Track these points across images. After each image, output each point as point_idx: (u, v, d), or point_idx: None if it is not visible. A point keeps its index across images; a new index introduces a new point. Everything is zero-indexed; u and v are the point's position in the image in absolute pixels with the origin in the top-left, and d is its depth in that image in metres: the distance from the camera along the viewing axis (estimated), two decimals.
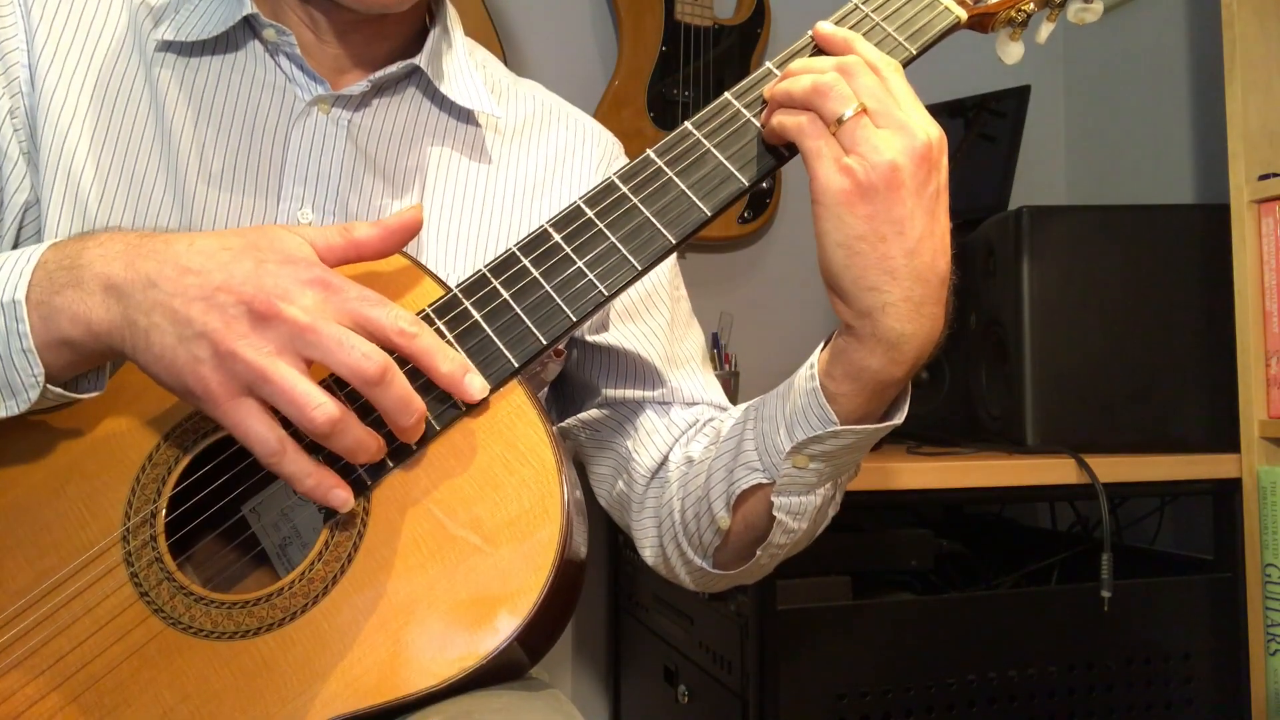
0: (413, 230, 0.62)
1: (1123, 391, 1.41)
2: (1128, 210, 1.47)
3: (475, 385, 0.60)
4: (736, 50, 1.89)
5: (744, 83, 0.67)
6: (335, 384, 0.59)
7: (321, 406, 0.54)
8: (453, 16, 0.83)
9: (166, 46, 0.74)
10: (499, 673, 0.59)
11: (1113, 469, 1.33)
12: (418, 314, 0.63)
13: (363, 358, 0.55)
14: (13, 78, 0.71)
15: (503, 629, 0.57)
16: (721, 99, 0.67)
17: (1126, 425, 1.40)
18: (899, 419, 0.69)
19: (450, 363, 0.59)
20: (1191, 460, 1.38)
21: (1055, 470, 1.33)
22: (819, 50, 0.66)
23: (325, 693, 0.57)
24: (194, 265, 0.56)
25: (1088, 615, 1.30)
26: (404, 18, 0.78)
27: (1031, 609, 1.32)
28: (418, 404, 0.58)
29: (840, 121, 0.60)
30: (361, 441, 0.57)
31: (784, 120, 0.62)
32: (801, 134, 0.61)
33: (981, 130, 1.82)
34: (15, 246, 0.72)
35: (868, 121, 0.60)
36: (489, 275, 0.64)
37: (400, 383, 0.57)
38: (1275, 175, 1.33)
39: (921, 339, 0.63)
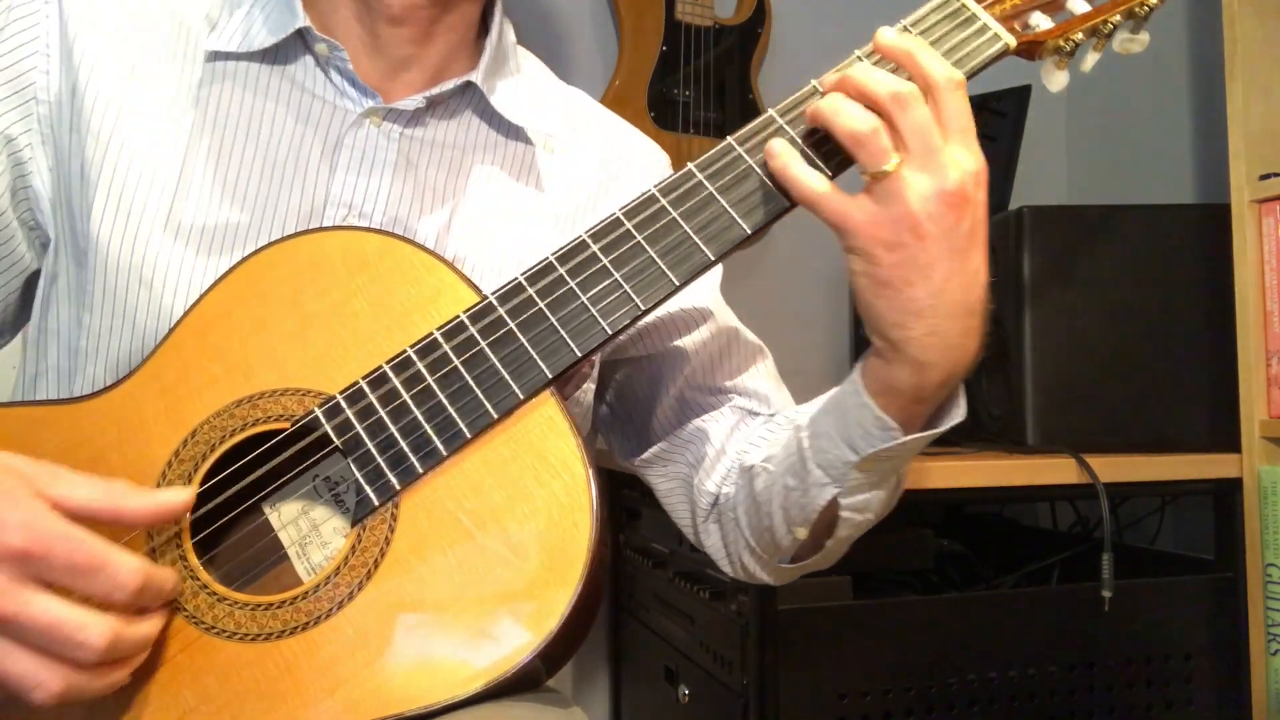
0: (179, 515, 0.60)
1: (1123, 391, 1.40)
2: (1128, 210, 1.46)
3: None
4: (737, 50, 1.89)
5: (789, 101, 0.66)
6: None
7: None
8: (506, 24, 0.83)
9: (216, 56, 0.74)
10: (518, 684, 0.59)
11: (1113, 469, 1.32)
12: (452, 320, 0.63)
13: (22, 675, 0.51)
14: (26, 95, 0.71)
15: (528, 642, 0.57)
16: (766, 115, 0.66)
17: (1126, 425, 1.40)
18: (952, 421, 0.69)
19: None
20: (1192, 460, 1.37)
21: (1055, 470, 1.32)
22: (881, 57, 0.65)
23: (349, 699, 0.57)
24: None
25: (1088, 615, 1.29)
26: (455, 24, 0.77)
27: (1032, 609, 1.32)
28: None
29: (875, 175, 0.60)
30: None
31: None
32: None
33: (982, 130, 1.80)
34: (23, 306, 0.76)
35: (902, 173, 0.60)
36: (525, 284, 0.64)
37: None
38: (1276, 175, 1.32)
39: (947, 366, 0.65)
